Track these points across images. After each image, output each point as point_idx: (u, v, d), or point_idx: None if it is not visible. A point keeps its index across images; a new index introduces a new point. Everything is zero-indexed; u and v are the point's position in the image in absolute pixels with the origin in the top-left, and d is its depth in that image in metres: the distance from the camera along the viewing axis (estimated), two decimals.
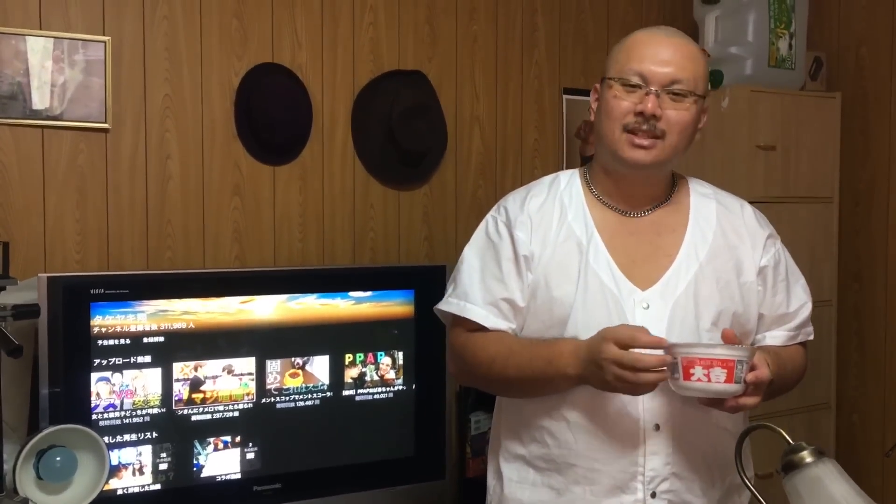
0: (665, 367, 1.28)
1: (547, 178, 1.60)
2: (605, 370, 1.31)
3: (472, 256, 1.54)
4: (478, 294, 1.50)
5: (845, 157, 2.90)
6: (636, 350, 1.28)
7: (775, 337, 1.53)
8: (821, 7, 2.99)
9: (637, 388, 1.30)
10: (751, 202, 1.62)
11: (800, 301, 1.56)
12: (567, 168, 2.52)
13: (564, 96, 2.85)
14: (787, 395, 2.39)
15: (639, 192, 1.52)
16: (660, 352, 1.29)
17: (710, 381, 1.26)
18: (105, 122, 2.21)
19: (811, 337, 1.59)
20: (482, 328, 1.49)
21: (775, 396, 1.52)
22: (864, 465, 2.80)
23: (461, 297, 1.51)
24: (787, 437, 1.13)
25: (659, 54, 1.44)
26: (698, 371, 1.25)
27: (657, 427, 1.42)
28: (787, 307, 1.54)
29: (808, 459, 1.10)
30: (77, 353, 1.99)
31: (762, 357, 1.34)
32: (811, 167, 2.80)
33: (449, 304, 1.54)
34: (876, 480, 2.58)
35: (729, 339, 1.36)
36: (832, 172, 2.87)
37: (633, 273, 1.46)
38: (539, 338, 1.46)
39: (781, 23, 2.73)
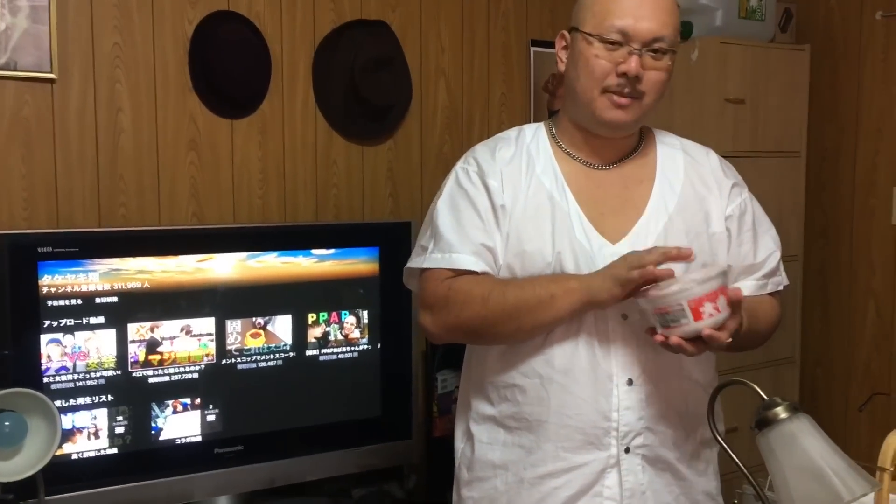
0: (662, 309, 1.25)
1: (511, 132, 1.55)
2: (621, 267, 1.31)
3: (445, 209, 1.48)
4: (461, 243, 1.43)
5: (813, 111, 2.88)
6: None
7: (744, 287, 1.50)
8: None
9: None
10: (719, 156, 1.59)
11: (767, 250, 1.53)
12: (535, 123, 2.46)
13: (532, 48, 2.79)
14: (752, 350, 2.41)
15: (607, 146, 1.49)
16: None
17: (719, 311, 1.24)
18: (51, 72, 2.10)
19: (781, 287, 1.56)
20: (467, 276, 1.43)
21: (749, 348, 1.50)
22: (827, 419, 2.83)
23: (444, 250, 1.44)
24: (762, 393, 1.11)
25: (640, 9, 1.38)
26: (708, 307, 1.22)
27: (630, 382, 1.40)
28: (753, 257, 1.52)
29: (783, 415, 1.07)
30: (25, 315, 1.91)
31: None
32: (780, 121, 2.78)
33: (433, 261, 1.45)
34: (839, 434, 2.61)
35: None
36: (800, 127, 2.85)
37: (602, 226, 1.44)
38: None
39: None
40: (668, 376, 1.42)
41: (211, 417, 2.13)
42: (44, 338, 1.93)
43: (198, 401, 2.11)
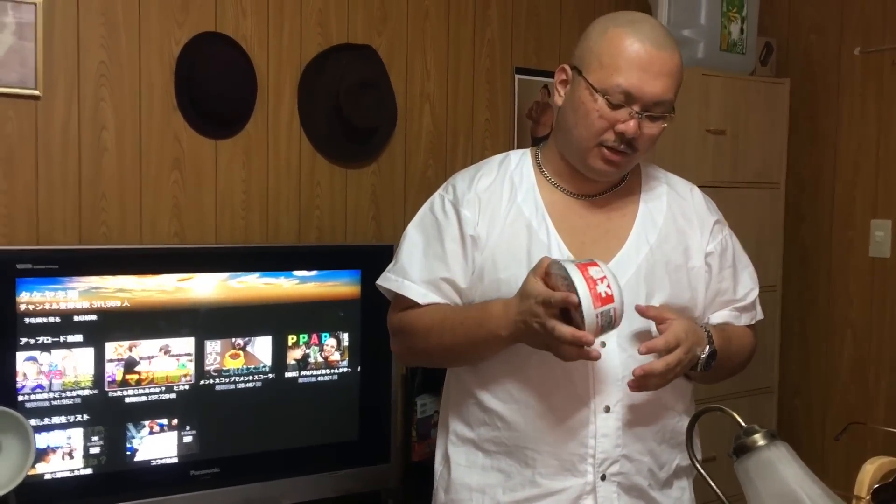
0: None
1: (497, 158, 1.56)
2: (531, 323, 1.29)
3: (414, 233, 1.50)
4: (416, 272, 1.46)
5: (793, 143, 2.92)
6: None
7: (719, 316, 1.53)
8: None
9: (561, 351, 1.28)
10: (699, 186, 1.60)
11: (746, 287, 1.55)
12: (518, 149, 2.48)
13: (516, 76, 2.81)
14: (730, 380, 2.41)
15: (592, 180, 1.49)
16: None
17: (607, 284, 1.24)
18: (36, 89, 2.09)
19: (755, 321, 1.58)
20: (419, 305, 1.45)
21: (724, 376, 1.51)
22: (805, 449, 2.83)
23: (399, 274, 1.47)
24: (740, 420, 1.11)
25: (647, 73, 1.36)
26: (592, 271, 1.24)
27: (607, 409, 1.40)
28: (733, 293, 1.53)
29: (761, 442, 1.08)
30: (2, 332, 1.89)
31: (670, 333, 1.33)
32: (759, 153, 2.81)
33: (387, 280, 1.50)
34: (817, 464, 2.61)
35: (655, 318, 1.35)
36: (780, 159, 2.89)
37: (583, 254, 1.43)
38: (470, 303, 1.43)
39: (733, 7, 2.73)
40: (647, 404, 1.42)
41: (188, 439, 2.11)
42: (20, 355, 1.91)
43: (175, 421, 2.09)
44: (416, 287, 1.45)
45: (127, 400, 2.03)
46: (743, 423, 1.11)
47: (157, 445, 2.07)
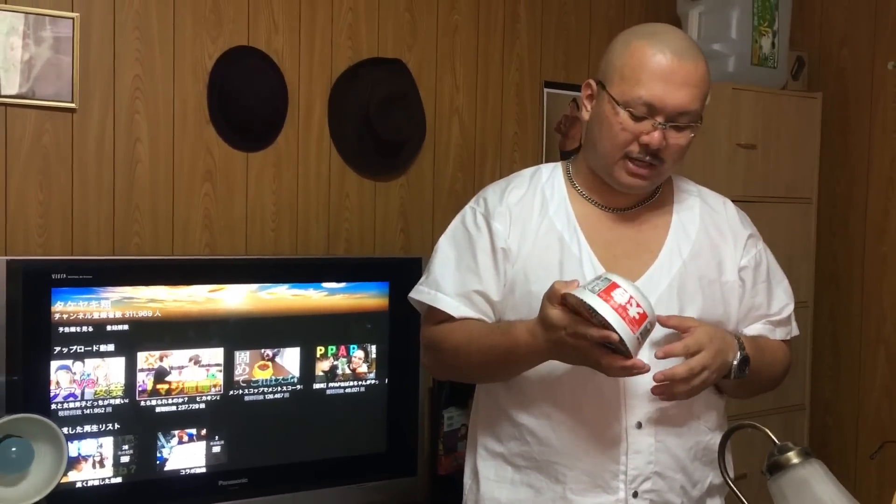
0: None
1: (528, 171, 1.56)
2: (566, 351, 1.28)
3: (447, 246, 1.50)
4: (450, 285, 1.46)
5: (825, 158, 2.90)
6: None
7: (753, 329, 1.51)
8: (803, 6, 2.98)
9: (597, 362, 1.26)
10: (730, 201, 1.59)
11: (781, 302, 1.54)
12: (548, 163, 2.48)
13: (545, 90, 2.82)
14: (762, 396, 2.38)
15: (624, 193, 1.48)
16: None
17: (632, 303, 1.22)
18: (72, 102, 2.13)
19: (791, 336, 1.56)
20: (452, 318, 1.45)
21: (758, 390, 1.49)
22: (837, 467, 2.77)
23: (432, 287, 1.47)
24: (773, 437, 1.10)
25: (670, 86, 1.35)
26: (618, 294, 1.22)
27: (639, 425, 1.38)
28: (767, 308, 1.52)
29: (795, 460, 1.06)
30: (37, 340, 1.91)
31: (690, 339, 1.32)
32: (791, 167, 2.79)
33: (420, 293, 1.50)
34: (849, 484, 2.58)
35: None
36: (811, 173, 2.86)
37: (614, 269, 1.42)
38: (497, 323, 1.43)
39: (765, 21, 2.72)
40: (679, 420, 1.41)
41: (216, 449, 2.12)
42: (54, 364, 1.93)
43: (203, 431, 2.11)
44: (449, 300, 1.45)
45: (157, 409, 2.05)
46: (776, 441, 1.10)
47: (186, 455, 2.08)
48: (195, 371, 2.09)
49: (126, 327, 2.01)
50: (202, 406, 2.10)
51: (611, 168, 1.42)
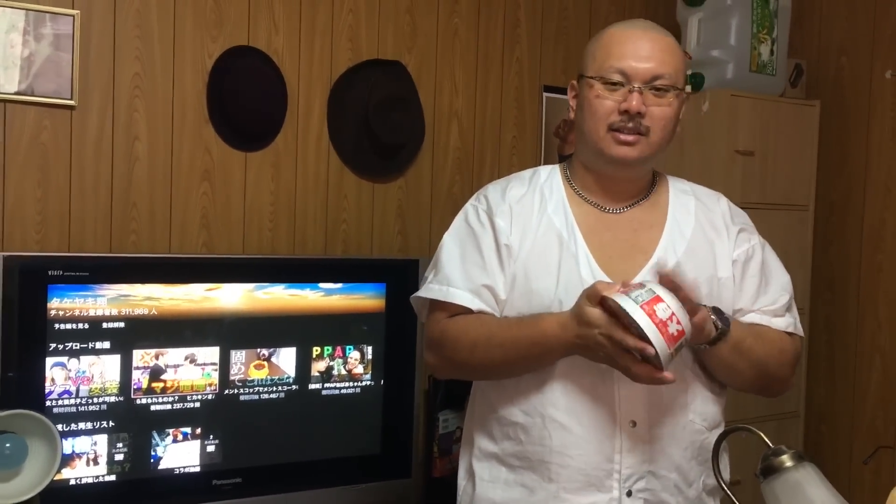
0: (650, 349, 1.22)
1: (526, 172, 1.58)
2: (594, 348, 1.29)
3: (451, 244, 1.50)
4: (459, 279, 1.46)
5: (822, 166, 2.90)
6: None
7: (749, 318, 1.49)
8: (802, 14, 2.99)
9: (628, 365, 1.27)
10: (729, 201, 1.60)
11: (774, 296, 1.51)
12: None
13: (545, 94, 2.82)
14: (756, 402, 2.37)
15: (619, 189, 1.50)
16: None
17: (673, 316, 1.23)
18: (71, 99, 2.13)
19: (793, 330, 1.52)
20: (464, 313, 1.45)
21: (753, 374, 1.45)
22: (831, 475, 2.78)
23: (443, 283, 1.47)
24: (767, 440, 1.10)
25: (639, 50, 1.42)
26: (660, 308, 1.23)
27: (633, 423, 1.39)
28: (753, 302, 1.49)
29: (789, 463, 1.07)
30: (32, 337, 1.91)
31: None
32: (788, 175, 2.80)
33: (430, 291, 1.49)
34: (843, 491, 2.58)
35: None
36: (808, 181, 2.86)
37: (610, 268, 1.44)
38: (518, 317, 1.42)
39: (764, 28, 2.72)
40: (673, 419, 1.41)
41: (211, 448, 2.12)
42: (49, 361, 1.93)
43: (198, 430, 2.10)
44: (462, 293, 1.44)
45: (152, 408, 2.05)
46: (770, 444, 1.10)
47: (180, 454, 2.08)
48: (191, 370, 2.09)
49: (122, 325, 2.01)
50: (197, 405, 2.10)
51: (600, 145, 1.43)
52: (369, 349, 2.32)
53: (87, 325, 1.97)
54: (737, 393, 1.56)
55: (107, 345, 1.99)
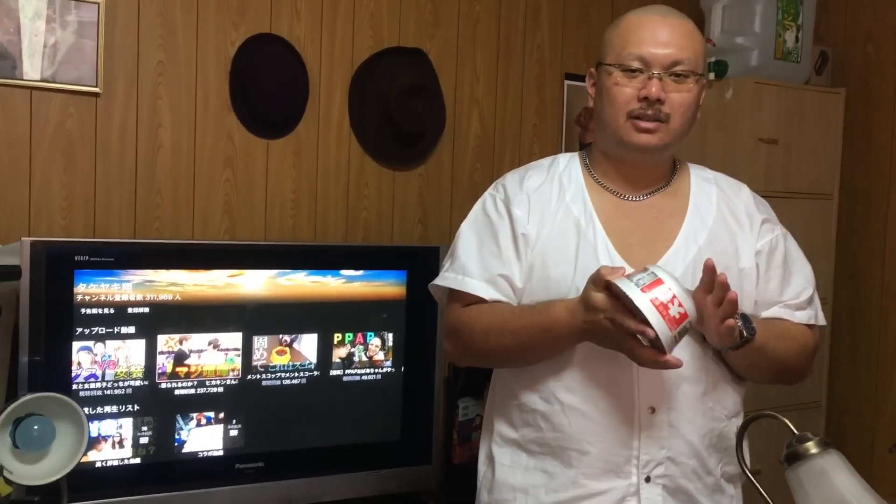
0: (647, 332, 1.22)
1: (545, 160, 1.58)
2: (603, 334, 1.29)
3: (469, 233, 1.51)
4: (476, 269, 1.46)
5: (846, 154, 2.87)
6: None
7: (770, 312, 1.49)
8: (828, 1, 2.95)
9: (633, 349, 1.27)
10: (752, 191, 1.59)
11: (798, 288, 1.50)
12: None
13: (566, 82, 2.81)
14: (778, 392, 2.35)
15: (639, 176, 1.50)
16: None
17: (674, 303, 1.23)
18: (96, 86, 2.15)
19: (814, 322, 1.52)
20: (479, 303, 1.46)
21: (772, 371, 1.45)
22: (853, 464, 2.78)
23: (458, 272, 1.48)
24: (792, 427, 1.10)
25: (657, 36, 1.41)
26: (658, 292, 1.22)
27: (652, 410, 1.39)
28: (780, 294, 1.49)
29: (814, 450, 1.06)
30: (59, 321, 1.93)
31: None
32: (812, 163, 2.77)
33: (446, 279, 1.50)
34: (864, 478, 2.57)
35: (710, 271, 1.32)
36: (833, 170, 2.84)
37: (630, 256, 1.44)
38: (530, 305, 1.43)
39: (789, 15, 2.70)
40: (692, 406, 1.41)
41: (233, 432, 2.14)
42: (76, 345, 1.96)
43: (221, 415, 2.12)
44: (477, 283, 1.45)
45: (176, 392, 2.07)
46: (795, 431, 1.10)
47: (203, 438, 2.11)
48: (214, 355, 2.11)
49: (147, 310, 2.03)
50: (220, 390, 2.12)
51: (620, 133, 1.43)
52: (390, 336, 2.33)
53: (112, 310, 1.99)
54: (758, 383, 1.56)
55: (132, 329, 2.01)
